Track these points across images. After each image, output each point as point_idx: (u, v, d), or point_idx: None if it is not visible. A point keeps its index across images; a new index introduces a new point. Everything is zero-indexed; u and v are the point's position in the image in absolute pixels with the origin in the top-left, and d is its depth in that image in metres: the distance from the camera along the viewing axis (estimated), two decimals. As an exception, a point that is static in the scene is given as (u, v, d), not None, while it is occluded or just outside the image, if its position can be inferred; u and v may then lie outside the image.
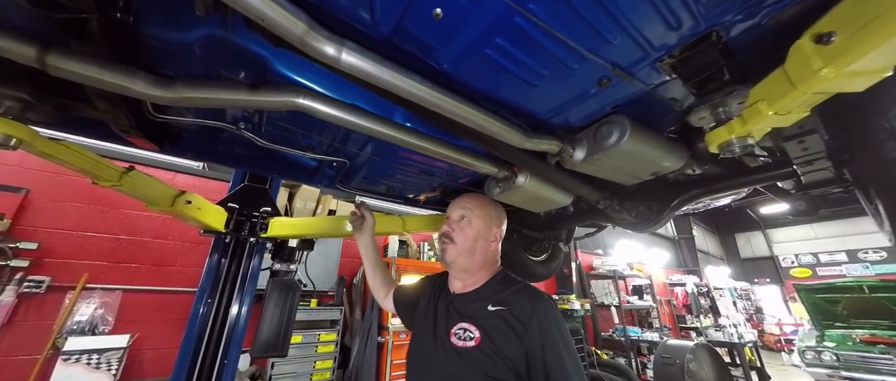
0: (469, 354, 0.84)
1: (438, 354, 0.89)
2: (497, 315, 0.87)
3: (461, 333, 0.88)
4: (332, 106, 0.81)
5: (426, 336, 0.97)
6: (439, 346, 0.90)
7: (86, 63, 0.61)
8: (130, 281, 2.56)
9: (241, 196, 1.88)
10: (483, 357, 0.82)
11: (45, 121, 0.81)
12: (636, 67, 0.72)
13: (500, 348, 0.81)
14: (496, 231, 1.07)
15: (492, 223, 1.06)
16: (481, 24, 0.62)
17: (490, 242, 1.04)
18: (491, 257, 1.05)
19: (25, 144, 0.72)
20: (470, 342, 0.85)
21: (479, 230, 1.03)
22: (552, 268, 2.26)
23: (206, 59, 0.76)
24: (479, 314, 0.90)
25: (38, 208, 2.40)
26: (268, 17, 0.52)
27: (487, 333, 0.85)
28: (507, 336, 0.83)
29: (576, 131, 1.03)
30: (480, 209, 1.07)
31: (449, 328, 0.91)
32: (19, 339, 2.18)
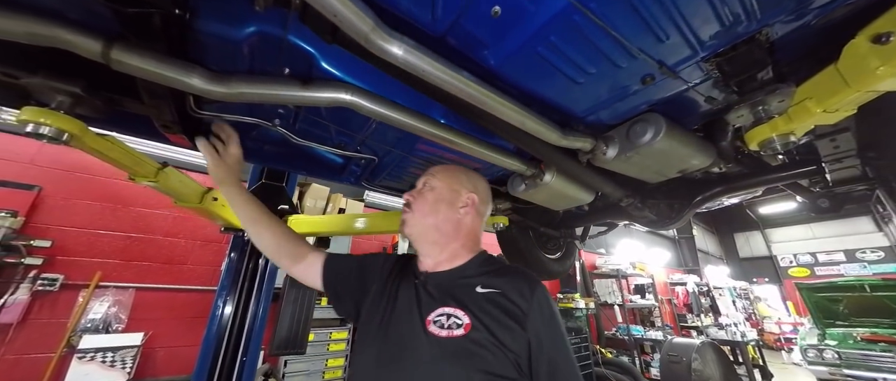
0: (458, 345, 0.65)
1: (413, 351, 0.68)
2: (487, 298, 0.71)
3: (443, 320, 0.69)
4: (377, 103, 0.82)
5: (384, 330, 0.74)
6: (412, 341, 0.69)
7: (147, 58, 0.62)
8: (143, 279, 2.56)
9: (259, 194, 1.88)
10: (477, 348, 0.64)
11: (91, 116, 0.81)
12: (682, 65, 0.74)
13: (498, 335, 0.65)
14: (468, 196, 0.88)
15: (460, 187, 0.89)
16: (538, 23, 0.63)
17: (458, 207, 0.86)
18: (465, 229, 0.87)
19: (75, 139, 0.72)
20: (458, 330, 0.66)
21: (441, 194, 0.87)
22: (566, 266, 2.28)
23: (254, 54, 0.76)
24: (465, 296, 0.72)
25: (50, 205, 2.39)
26: (340, 14, 0.53)
27: (480, 319, 0.67)
28: (505, 324, 0.67)
29: (608, 129, 1.04)
30: (444, 173, 0.92)
31: (424, 315, 0.71)
32: (34, 337, 2.17)
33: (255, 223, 0.95)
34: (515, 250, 2.06)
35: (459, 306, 0.70)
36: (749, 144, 0.85)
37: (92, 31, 0.58)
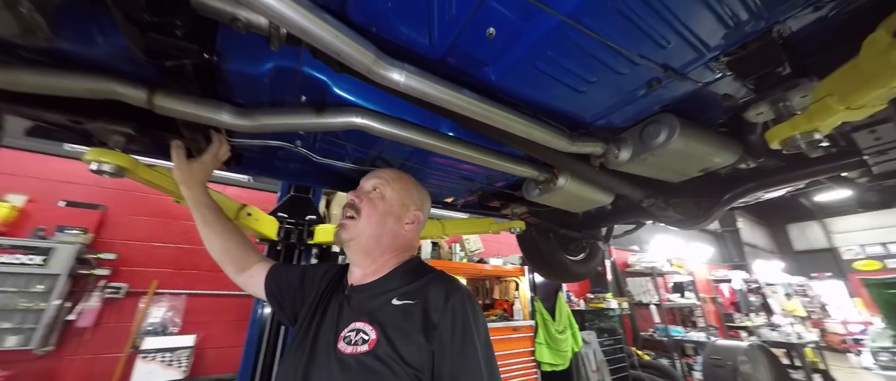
0: (358, 362, 0.65)
1: (319, 365, 0.68)
2: (401, 311, 0.71)
3: (352, 336, 0.69)
4: (386, 123, 0.87)
5: (306, 343, 0.74)
6: (321, 355, 0.70)
7: (183, 101, 0.71)
8: (193, 286, 2.82)
9: (289, 206, 2.01)
10: (377, 365, 0.63)
11: (141, 150, 0.93)
12: (689, 67, 0.72)
13: (401, 351, 0.65)
14: (415, 213, 0.89)
15: (411, 203, 0.90)
16: (532, 40, 0.64)
17: (404, 223, 0.87)
18: (401, 242, 0.86)
19: (129, 172, 0.83)
20: (362, 347, 0.66)
21: (392, 207, 0.86)
22: (591, 267, 2.23)
23: (274, 86, 0.84)
24: (379, 310, 0.72)
25: (114, 222, 2.70)
26: (343, 52, 0.58)
27: (386, 333, 0.67)
28: (410, 336, 0.66)
29: (620, 131, 1.02)
30: (399, 183, 0.90)
31: (338, 330, 0.72)
32: (105, 338, 2.46)
33: (206, 225, 0.95)
34: (537, 253, 2.04)
35: (370, 321, 0.70)
36: (770, 142, 0.81)
37: (138, 82, 0.68)
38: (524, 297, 3.95)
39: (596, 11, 0.57)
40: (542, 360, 3.64)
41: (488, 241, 4.56)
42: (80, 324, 2.37)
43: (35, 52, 0.64)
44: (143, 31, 0.54)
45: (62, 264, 2.31)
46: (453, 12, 0.60)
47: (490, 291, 4.27)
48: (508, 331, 3.58)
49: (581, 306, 5.06)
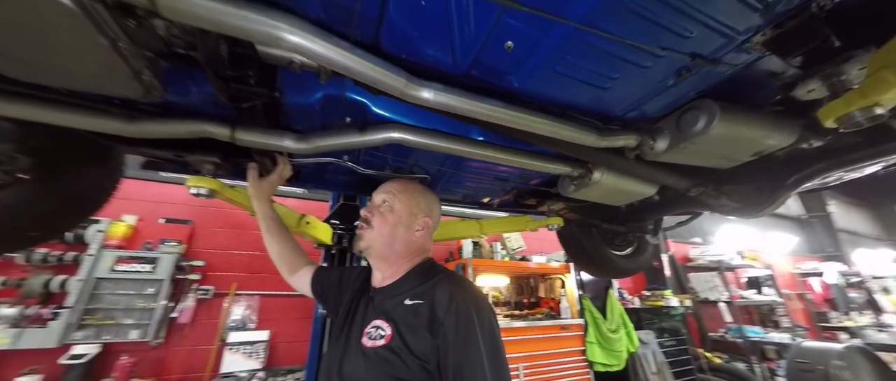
0: (377, 354, 0.75)
1: (349, 356, 0.80)
2: (412, 310, 0.79)
3: (373, 332, 0.80)
4: (420, 135, 0.95)
5: (342, 336, 0.87)
6: (351, 348, 0.82)
7: (256, 133, 0.86)
8: (264, 288, 3.20)
9: (340, 213, 2.22)
10: (391, 357, 0.73)
11: (224, 174, 1.12)
12: (720, 52, 0.70)
13: (410, 344, 0.73)
14: (423, 220, 0.97)
15: (418, 212, 0.97)
16: (549, 48, 0.68)
17: (414, 230, 0.95)
18: (414, 247, 0.95)
19: (218, 193, 1.02)
20: (380, 341, 0.77)
21: (401, 217, 0.94)
22: (640, 262, 2.12)
23: (323, 112, 0.97)
24: (394, 309, 0.82)
25: (200, 234, 3.17)
26: (379, 81, 0.67)
27: (399, 329, 0.77)
28: (418, 332, 0.75)
29: (655, 121, 1.00)
30: (405, 195, 0.99)
31: (363, 326, 0.83)
32: (200, 333, 2.91)
33: (269, 233, 1.14)
34: (579, 249, 2.00)
35: (386, 318, 0.80)
36: (823, 121, 0.75)
37: (222, 121, 0.84)
38: (571, 295, 3.83)
39: (607, 15, 0.59)
40: (595, 360, 3.51)
41: (531, 238, 4.49)
42: (180, 320, 2.82)
43: (151, 106, 0.83)
44: (227, 83, 0.68)
45: (165, 271, 2.78)
46: (472, 33, 0.66)
47: (534, 289, 4.21)
48: (555, 329, 3.50)
49: (636, 304, 4.75)
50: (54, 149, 1.02)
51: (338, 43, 0.61)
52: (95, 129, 0.77)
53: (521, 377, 3.08)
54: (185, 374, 2.77)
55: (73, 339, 2.45)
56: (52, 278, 2.51)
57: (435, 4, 0.60)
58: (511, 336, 3.18)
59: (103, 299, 2.59)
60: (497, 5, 0.58)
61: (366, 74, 0.65)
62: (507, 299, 4.11)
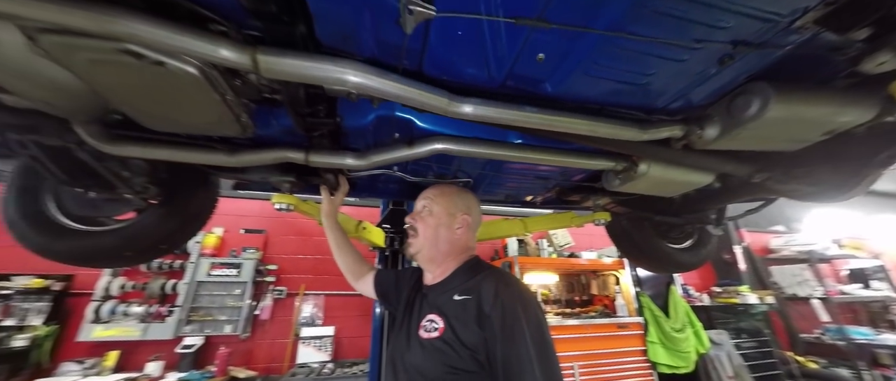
0: (432, 345, 0.83)
1: (409, 347, 0.89)
2: (461, 304, 0.86)
3: (428, 325, 0.87)
4: (462, 143, 1.03)
5: (403, 330, 0.96)
6: (411, 339, 0.90)
7: (324, 154, 1.01)
8: (328, 288, 3.54)
9: (391, 218, 2.39)
10: (445, 348, 0.80)
11: (297, 190, 1.31)
12: (765, 36, 0.68)
13: (461, 336, 0.80)
14: (462, 218, 1.03)
15: (456, 210, 1.04)
16: (581, 55, 0.72)
17: (454, 229, 1.02)
18: (458, 246, 1.02)
19: (296, 207, 1.21)
20: (434, 333, 0.84)
21: (440, 219, 1.02)
22: (702, 255, 1.97)
23: (375, 131, 1.10)
24: (445, 304, 0.89)
25: (273, 241, 3.61)
26: (425, 103, 0.76)
27: (450, 322, 0.83)
28: (467, 324, 0.81)
29: (703, 109, 0.96)
30: (441, 198, 1.06)
31: (419, 320, 0.91)
32: (277, 329, 3.31)
33: (338, 248, 1.31)
34: (630, 244, 1.93)
35: (439, 313, 0.88)
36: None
37: (298, 147, 1.01)
38: (627, 292, 3.64)
39: (635, 20, 0.62)
40: (658, 361, 3.29)
41: (579, 234, 4.34)
42: (262, 317, 3.25)
43: (244, 140, 1.02)
44: (303, 117, 0.83)
45: (248, 274, 3.22)
46: (505, 51, 0.73)
47: (586, 286, 4.07)
48: (612, 328, 3.36)
49: (705, 301, 4.34)
50: (174, 179, 1.29)
51: (389, 76, 0.71)
52: (207, 162, 0.98)
53: (576, 376, 3.01)
54: (268, 364, 3.18)
55: (184, 332, 2.95)
56: (166, 281, 3.05)
57: (470, 33, 0.68)
58: (563, 334, 3.13)
59: (203, 299, 3.09)
60: (526, 26, 0.64)
61: (413, 99, 0.75)
62: (558, 297, 4.02)
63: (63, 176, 1.11)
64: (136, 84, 0.71)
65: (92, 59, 0.64)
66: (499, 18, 0.63)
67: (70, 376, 2.64)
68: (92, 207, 1.29)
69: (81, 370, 2.69)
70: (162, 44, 0.56)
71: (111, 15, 0.53)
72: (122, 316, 2.88)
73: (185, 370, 2.77)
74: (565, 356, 3.06)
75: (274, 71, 0.63)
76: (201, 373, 2.73)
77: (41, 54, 0.64)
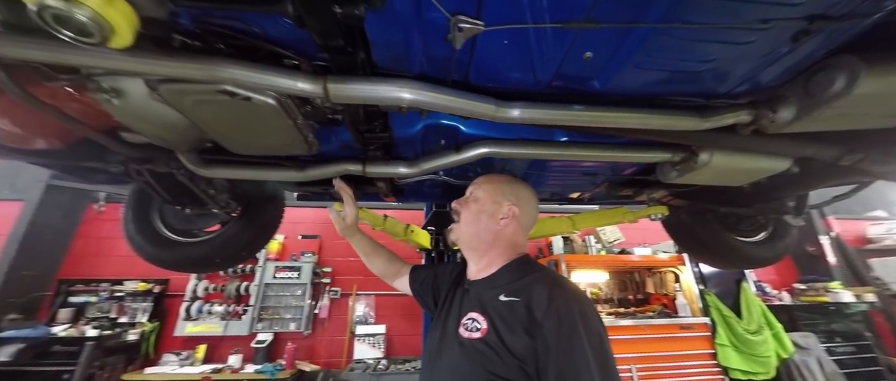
0: (473, 346, 0.75)
1: (447, 345, 0.82)
2: (507, 306, 0.77)
3: (469, 323, 0.80)
4: (508, 146, 1.05)
5: (439, 326, 0.90)
6: (449, 336, 0.83)
7: (379, 165, 1.09)
8: (377, 288, 3.73)
9: (435, 220, 2.47)
10: (487, 351, 0.72)
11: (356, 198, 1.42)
12: (849, 6, 0.61)
13: (507, 342, 0.71)
14: (509, 208, 0.93)
15: (502, 199, 0.94)
16: (632, 50, 0.70)
17: (498, 219, 0.93)
18: (503, 239, 0.93)
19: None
20: (476, 333, 0.76)
21: (484, 205, 0.94)
22: (780, 249, 1.77)
23: (423, 139, 1.15)
24: (489, 303, 0.81)
25: (326, 245, 3.89)
26: (473, 112, 0.80)
27: (494, 324, 0.75)
28: (515, 330, 0.72)
29: (773, 90, 0.88)
30: (488, 184, 0.99)
31: (460, 317, 0.84)
32: (334, 326, 3.57)
33: (367, 256, 1.27)
34: (692, 239, 1.79)
35: (482, 312, 0.79)
36: None
37: (356, 160, 1.10)
38: (689, 290, 3.36)
39: (690, 8, 0.60)
40: (730, 365, 2.99)
41: (630, 229, 4.08)
42: (321, 316, 3.52)
43: (309, 157, 1.14)
44: (361, 134, 0.90)
45: (307, 276, 3.51)
46: (551, 53, 0.73)
47: (640, 284, 3.82)
48: (673, 329, 3.12)
49: (785, 300, 3.86)
50: (250, 194, 1.47)
51: (440, 90, 0.76)
52: (281, 179, 1.11)
53: (634, 379, 2.85)
54: (328, 359, 3.44)
55: (256, 329, 3.30)
56: (239, 284, 3.44)
57: (516, 40, 0.70)
58: (616, 335, 2.98)
59: (270, 299, 3.43)
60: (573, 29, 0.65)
61: (463, 109, 0.79)
62: (609, 296, 3.83)
63: (167, 197, 1.32)
64: (228, 117, 0.84)
65: (196, 100, 0.76)
66: (545, 25, 0.64)
67: (170, 365, 3.09)
68: (187, 221, 1.51)
69: (178, 362, 3.13)
70: (253, 83, 0.66)
71: (215, 64, 0.63)
72: (207, 315, 3.30)
73: (259, 363, 3.10)
74: (621, 358, 2.91)
75: (341, 96, 0.71)
76: (274, 366, 3.03)
77: (158, 100, 0.78)
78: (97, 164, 1.10)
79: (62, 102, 0.82)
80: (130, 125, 0.88)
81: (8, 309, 3.13)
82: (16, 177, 3.74)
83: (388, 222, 1.67)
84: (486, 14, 0.63)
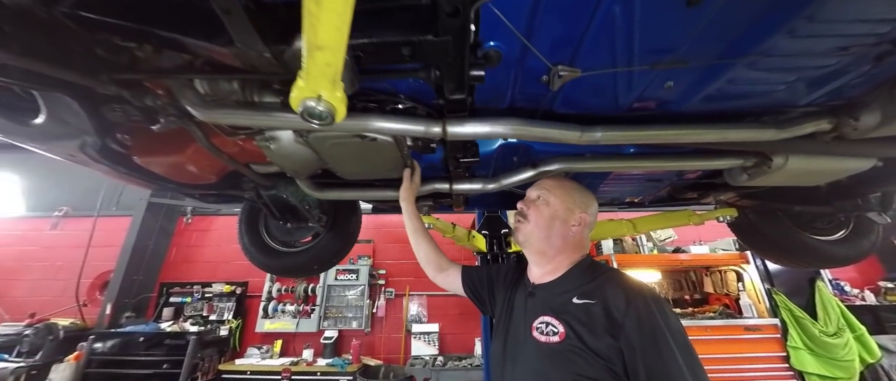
0: (552, 350, 0.76)
1: (521, 350, 0.83)
2: (583, 309, 0.78)
3: (543, 327, 0.80)
4: (580, 161, 1.14)
5: (508, 329, 0.90)
6: (521, 341, 0.84)
7: (464, 183, 1.24)
8: (428, 289, 3.93)
9: (487, 224, 2.61)
10: (571, 355, 0.73)
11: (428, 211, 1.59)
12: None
13: (589, 344, 0.72)
14: (580, 216, 0.95)
15: (574, 207, 0.96)
16: (713, 79, 0.78)
17: (570, 225, 0.94)
18: (573, 243, 0.94)
19: (433, 225, 1.48)
20: (554, 337, 0.77)
21: (557, 211, 0.95)
22: (864, 247, 1.68)
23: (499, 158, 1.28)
24: (562, 307, 0.81)
25: (380, 249, 4.17)
26: (561, 139, 0.91)
27: (572, 327, 0.76)
28: (596, 332, 0.73)
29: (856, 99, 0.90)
30: (560, 190, 0.99)
31: (530, 322, 0.84)
32: (391, 324, 3.82)
33: (415, 233, 1.21)
34: (761, 238, 1.75)
35: (556, 316, 0.80)
36: None
37: (443, 179, 1.26)
38: (753, 289, 3.19)
39: (774, 46, 0.67)
40: (805, 370, 2.81)
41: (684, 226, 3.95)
42: (378, 315, 3.78)
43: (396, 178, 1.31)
44: (457, 159, 1.06)
45: (364, 278, 3.80)
46: (634, 85, 0.83)
47: (698, 284, 3.68)
48: (737, 330, 2.99)
49: (868, 299, 3.52)
50: (338, 209, 1.69)
51: (533, 124, 0.88)
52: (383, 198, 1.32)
53: (698, 382, 2.79)
54: (387, 354, 3.70)
55: (324, 326, 3.64)
56: (307, 285, 3.79)
57: (603, 77, 0.81)
58: (677, 336, 2.92)
59: (334, 299, 3.75)
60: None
61: (553, 137, 0.91)
62: (664, 296, 3.73)
63: (277, 213, 1.57)
64: (351, 152, 1.02)
65: (334, 143, 0.96)
66: (634, 68, 0.75)
67: (253, 358, 3.50)
68: (288, 234, 1.77)
69: (260, 354, 3.54)
70: (392, 130, 0.83)
71: (368, 119, 0.81)
72: (281, 313, 3.69)
73: (328, 357, 3.42)
74: (681, 359, 2.86)
75: (454, 134, 0.86)
76: (343, 360, 3.33)
77: (302, 143, 0.99)
78: (236, 191, 1.36)
79: (228, 148, 1.06)
80: (275, 162, 1.10)
81: (124, 308, 3.73)
82: (120, 195, 4.41)
83: (457, 229, 1.83)
84: (581, 61, 0.75)
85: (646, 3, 0.61)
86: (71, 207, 4.50)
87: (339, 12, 0.39)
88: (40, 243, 4.38)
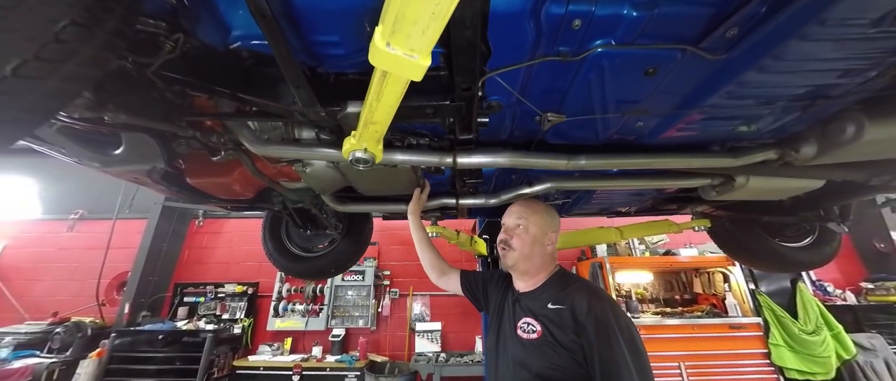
0: (532, 345, 0.96)
1: (508, 344, 1.03)
2: (556, 313, 0.96)
3: (525, 326, 0.99)
4: (569, 180, 1.33)
5: (499, 327, 1.10)
6: (508, 338, 1.04)
7: (469, 198, 1.42)
8: (430, 290, 4.12)
9: (488, 229, 2.79)
10: (545, 348, 0.93)
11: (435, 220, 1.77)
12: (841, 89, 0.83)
13: (559, 340, 0.92)
14: (552, 236, 1.13)
15: (548, 228, 1.12)
16: (673, 123, 0.96)
17: (545, 245, 1.11)
18: (549, 259, 1.12)
19: (440, 233, 1.66)
20: (533, 335, 0.97)
21: (536, 236, 1.10)
22: (826, 252, 1.87)
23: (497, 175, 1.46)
24: (540, 311, 1.00)
25: (384, 251, 4.35)
26: (551, 166, 1.10)
27: (547, 327, 0.95)
28: (564, 331, 0.92)
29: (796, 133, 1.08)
30: (535, 216, 1.13)
31: (515, 322, 1.03)
32: (396, 323, 4.01)
33: (421, 243, 1.43)
34: (736, 245, 1.94)
35: (534, 318, 0.99)
36: None
37: (450, 195, 1.44)
38: (739, 290, 3.38)
39: (718, 106, 0.85)
40: (785, 365, 3.01)
41: (673, 230, 4.15)
42: (383, 314, 3.96)
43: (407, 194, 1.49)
44: (463, 180, 1.24)
45: (369, 279, 3.98)
46: (611, 124, 1.02)
47: (687, 284, 3.87)
48: (723, 329, 3.18)
49: (849, 299, 3.72)
50: (353, 217, 1.87)
51: (527, 154, 1.07)
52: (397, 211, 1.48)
53: (684, 376, 2.98)
54: (393, 351, 3.88)
55: (332, 325, 3.81)
56: (315, 286, 3.97)
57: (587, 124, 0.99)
58: (663, 334, 3.11)
59: (341, 299, 3.93)
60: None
61: (544, 165, 1.09)
62: (655, 296, 3.92)
63: (299, 222, 1.75)
64: (374, 176, 1.21)
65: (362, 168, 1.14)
66: (610, 115, 0.93)
67: (265, 355, 3.68)
68: (307, 240, 1.95)
69: (271, 351, 3.72)
70: (412, 162, 1.01)
71: (392, 153, 0.99)
72: (291, 312, 3.87)
73: (337, 354, 3.60)
74: (668, 356, 3.05)
75: (464, 164, 1.04)
76: (350, 356, 3.51)
77: (332, 168, 1.17)
78: (267, 204, 1.54)
79: (267, 171, 1.24)
80: (308, 183, 1.28)
81: (141, 308, 3.91)
82: (133, 198, 4.58)
83: (460, 236, 2.01)
84: (566, 109, 0.94)
85: (613, 72, 0.79)
86: (86, 209, 4.67)
87: (392, 105, 0.58)
88: (57, 244, 4.55)
